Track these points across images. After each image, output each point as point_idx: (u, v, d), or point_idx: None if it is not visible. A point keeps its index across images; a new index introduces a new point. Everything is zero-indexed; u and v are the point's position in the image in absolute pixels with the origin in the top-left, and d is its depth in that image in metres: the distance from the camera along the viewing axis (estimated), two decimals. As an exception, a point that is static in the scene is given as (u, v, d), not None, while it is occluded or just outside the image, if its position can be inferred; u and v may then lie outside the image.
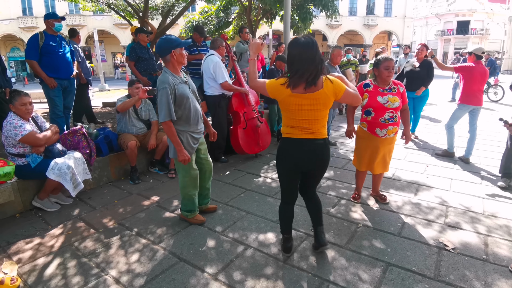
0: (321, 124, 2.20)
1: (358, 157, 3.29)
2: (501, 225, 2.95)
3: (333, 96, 2.13)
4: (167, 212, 3.28)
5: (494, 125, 6.93)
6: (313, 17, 10.46)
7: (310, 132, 2.18)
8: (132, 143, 3.95)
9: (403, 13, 34.77)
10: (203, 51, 5.49)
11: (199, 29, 5.69)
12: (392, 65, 2.96)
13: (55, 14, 4.33)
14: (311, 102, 2.09)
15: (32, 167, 3.17)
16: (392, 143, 3.18)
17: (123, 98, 4.19)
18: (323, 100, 2.10)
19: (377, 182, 3.43)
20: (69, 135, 3.69)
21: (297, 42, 2.06)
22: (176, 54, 2.61)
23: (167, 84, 2.55)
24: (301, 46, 2.03)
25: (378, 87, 3.04)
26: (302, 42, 2.04)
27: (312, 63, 2.01)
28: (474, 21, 38.88)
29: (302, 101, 2.09)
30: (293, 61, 2.06)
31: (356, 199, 3.43)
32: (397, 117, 3.05)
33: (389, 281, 2.23)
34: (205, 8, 12.54)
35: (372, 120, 3.05)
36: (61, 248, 2.67)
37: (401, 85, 3.09)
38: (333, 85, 2.11)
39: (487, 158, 4.73)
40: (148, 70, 5.43)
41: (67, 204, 3.47)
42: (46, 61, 4.23)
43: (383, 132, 3.04)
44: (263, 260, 2.47)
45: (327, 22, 30.13)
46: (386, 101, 2.97)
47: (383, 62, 2.96)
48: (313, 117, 2.14)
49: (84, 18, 29.63)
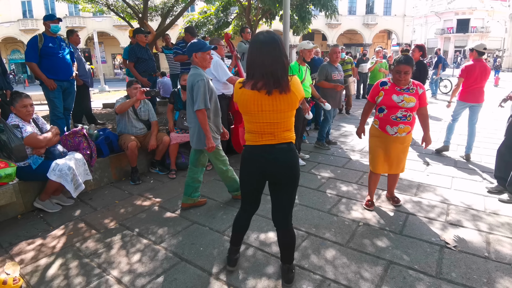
0: (285, 127, 1.96)
1: (372, 156, 3.20)
2: (503, 223, 2.94)
3: (299, 95, 1.92)
4: (168, 212, 3.28)
5: (495, 122, 6.92)
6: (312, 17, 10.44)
7: (272, 137, 1.96)
8: (133, 144, 3.95)
9: (402, 11, 34.71)
10: None
11: (190, 30, 5.86)
12: (404, 69, 2.84)
13: (51, 15, 4.34)
14: (273, 103, 1.86)
15: (33, 168, 3.18)
16: (404, 143, 3.06)
17: (122, 99, 4.20)
18: (288, 99, 1.88)
19: (392, 183, 3.35)
20: (69, 136, 3.69)
21: (256, 39, 1.87)
22: (197, 57, 2.87)
23: (203, 77, 2.84)
24: (260, 43, 1.84)
25: (395, 86, 2.97)
26: (261, 39, 1.84)
27: (273, 62, 1.80)
28: (474, 19, 38.83)
29: (263, 102, 1.87)
30: (252, 59, 1.86)
31: (370, 206, 3.23)
32: (411, 117, 2.96)
33: (391, 279, 2.23)
34: (204, 9, 12.54)
35: (384, 117, 3.00)
36: (62, 249, 2.68)
37: (421, 86, 2.97)
38: (297, 83, 1.93)
39: (488, 156, 4.72)
40: (147, 70, 5.43)
41: (68, 205, 3.48)
42: (46, 63, 4.24)
43: (394, 130, 2.97)
44: (264, 259, 2.47)
45: (327, 21, 30.09)
46: (401, 100, 2.90)
47: (395, 66, 2.90)
48: (276, 119, 1.91)
49: (84, 20, 29.69)
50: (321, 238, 2.74)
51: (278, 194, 2.10)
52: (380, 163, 3.15)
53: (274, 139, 1.96)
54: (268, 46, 1.82)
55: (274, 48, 1.82)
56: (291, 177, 2.02)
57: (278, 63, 1.82)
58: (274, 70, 1.81)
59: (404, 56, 2.91)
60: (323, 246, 2.63)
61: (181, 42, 5.87)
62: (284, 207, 2.10)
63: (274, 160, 1.98)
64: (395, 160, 3.12)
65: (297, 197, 3.52)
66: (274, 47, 1.82)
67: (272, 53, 1.81)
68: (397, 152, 3.08)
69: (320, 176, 4.16)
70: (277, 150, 1.97)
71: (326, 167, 4.52)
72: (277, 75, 1.82)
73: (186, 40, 5.75)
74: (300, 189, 3.75)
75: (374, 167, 3.20)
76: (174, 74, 7.15)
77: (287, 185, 2.05)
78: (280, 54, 1.83)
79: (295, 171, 2.03)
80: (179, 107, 4.42)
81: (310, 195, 3.59)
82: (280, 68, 1.82)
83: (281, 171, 2.00)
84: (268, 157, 1.98)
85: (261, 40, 1.84)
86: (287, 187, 2.06)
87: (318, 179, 4.06)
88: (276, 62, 1.81)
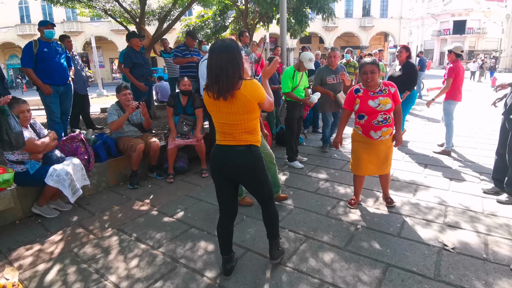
0: (243, 129, 2.07)
1: (354, 160, 3.25)
2: (501, 224, 2.95)
3: (254, 99, 2.01)
4: (166, 217, 3.28)
5: (492, 124, 6.95)
6: (309, 20, 10.51)
7: (231, 138, 2.09)
8: (141, 147, 3.97)
9: (399, 14, 34.96)
10: (196, 55, 5.69)
11: (191, 34, 5.93)
12: (369, 69, 2.93)
13: (44, 21, 4.35)
14: (227, 105, 2.00)
15: (30, 173, 3.17)
16: (388, 144, 3.14)
17: (113, 108, 4.13)
18: (241, 103, 1.99)
19: (384, 184, 3.37)
20: (67, 141, 3.69)
21: (213, 46, 2.00)
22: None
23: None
24: (215, 50, 1.97)
25: (368, 91, 3.02)
26: (217, 46, 1.98)
27: (224, 68, 1.93)
28: (470, 20, 39.11)
29: (219, 104, 2.01)
30: (209, 65, 1.98)
31: (352, 205, 3.34)
32: (391, 118, 3.03)
33: (389, 282, 2.23)
34: (201, 12, 12.59)
35: (365, 123, 3.04)
36: (60, 254, 2.67)
37: (392, 85, 3.04)
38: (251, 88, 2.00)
39: (486, 157, 4.74)
40: (144, 75, 5.43)
41: (66, 210, 3.47)
42: (41, 68, 4.25)
43: (378, 135, 3.02)
44: (262, 264, 2.47)
45: (324, 24, 30.28)
46: (377, 104, 2.95)
47: (361, 69, 3.01)
48: (232, 121, 2.04)
49: (82, 25, 29.76)
50: (319, 242, 2.74)
51: (248, 188, 2.30)
52: (364, 166, 3.20)
53: (234, 140, 2.09)
54: (220, 53, 1.95)
55: (225, 55, 1.94)
56: (250, 177, 2.16)
57: (227, 69, 1.94)
58: (224, 75, 1.94)
59: (367, 58, 3.07)
60: (321, 249, 2.63)
61: (182, 46, 5.89)
62: (258, 194, 2.27)
63: (232, 161, 2.10)
64: (383, 160, 3.16)
65: (295, 200, 3.54)
66: (225, 54, 1.94)
67: (223, 60, 1.94)
68: (384, 153, 3.14)
69: (317, 179, 4.16)
70: (235, 151, 2.09)
71: (324, 169, 4.52)
72: (227, 79, 1.94)
73: (187, 44, 5.76)
74: (298, 192, 3.75)
75: (357, 170, 3.25)
76: (173, 78, 7.16)
77: (250, 184, 2.23)
78: (229, 60, 1.94)
79: (254, 172, 2.14)
80: (178, 112, 4.42)
81: (308, 198, 3.59)
82: (229, 74, 1.94)
83: (238, 171, 2.13)
84: (226, 157, 2.11)
85: (214, 48, 1.99)
86: (250, 186, 2.24)
87: (316, 182, 4.06)
88: (226, 68, 1.94)
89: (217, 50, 1.96)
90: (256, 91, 2.02)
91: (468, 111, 8.70)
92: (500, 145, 3.57)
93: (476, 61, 21.80)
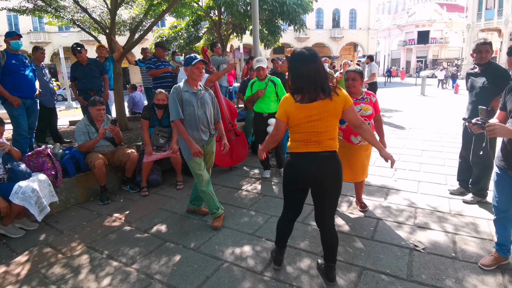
0: (329, 135, 2.15)
1: None
2: (467, 223, 3.08)
3: (342, 104, 2.12)
4: (139, 232, 3.18)
5: (456, 128, 7.30)
6: (281, 31, 10.73)
7: (316, 145, 2.13)
8: (100, 162, 3.82)
9: (367, 25, 36.47)
10: (168, 65, 5.84)
11: (161, 44, 6.09)
12: (351, 76, 3.09)
13: (10, 32, 4.20)
14: (317, 112, 2.07)
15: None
16: (368, 150, 3.23)
17: (82, 126, 3.98)
18: (329, 109, 2.07)
19: (359, 190, 3.45)
20: (32, 156, 3.53)
21: (295, 55, 2.08)
22: (187, 70, 3.04)
23: (174, 89, 3.03)
24: (299, 59, 2.05)
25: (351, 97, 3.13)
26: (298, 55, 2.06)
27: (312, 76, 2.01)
28: (433, 30, 41.31)
29: (310, 111, 2.06)
30: (294, 74, 2.09)
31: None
32: (371, 124, 3.13)
33: (364, 285, 2.27)
34: (174, 23, 12.54)
35: (346, 128, 3.11)
36: (27, 276, 2.52)
37: (373, 95, 3.20)
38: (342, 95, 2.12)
39: (451, 160, 4.96)
40: (83, 89, 5.33)
41: (32, 229, 3.29)
42: (8, 80, 4.07)
43: (358, 139, 3.10)
44: (240, 275, 2.44)
45: (296, 35, 30.94)
46: (359, 109, 3.05)
47: (345, 75, 3.20)
48: (321, 128, 2.10)
49: (49, 35, 28.82)
50: (296, 249, 2.75)
51: (320, 201, 2.25)
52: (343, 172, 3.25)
53: (319, 147, 2.13)
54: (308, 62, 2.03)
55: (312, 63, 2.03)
56: (332, 184, 2.18)
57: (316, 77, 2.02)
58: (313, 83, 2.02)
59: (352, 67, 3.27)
60: (298, 256, 2.64)
61: (153, 57, 5.87)
62: (326, 212, 2.27)
63: (319, 167, 2.13)
64: (360, 168, 3.25)
65: (271, 208, 3.54)
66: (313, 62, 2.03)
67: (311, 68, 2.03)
68: (362, 160, 3.22)
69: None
70: (320, 157, 2.14)
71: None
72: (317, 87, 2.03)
73: (157, 55, 5.85)
74: (274, 200, 3.76)
75: None
76: (147, 88, 7.09)
77: (330, 193, 2.21)
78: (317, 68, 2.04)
79: (336, 178, 2.18)
80: (154, 124, 4.33)
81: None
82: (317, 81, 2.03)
83: (323, 177, 2.14)
84: (309, 163, 2.14)
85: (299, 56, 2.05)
86: (331, 196, 2.22)
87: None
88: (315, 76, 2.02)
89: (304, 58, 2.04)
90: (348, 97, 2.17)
91: (433, 117, 9.13)
92: (463, 148, 3.75)
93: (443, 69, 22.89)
